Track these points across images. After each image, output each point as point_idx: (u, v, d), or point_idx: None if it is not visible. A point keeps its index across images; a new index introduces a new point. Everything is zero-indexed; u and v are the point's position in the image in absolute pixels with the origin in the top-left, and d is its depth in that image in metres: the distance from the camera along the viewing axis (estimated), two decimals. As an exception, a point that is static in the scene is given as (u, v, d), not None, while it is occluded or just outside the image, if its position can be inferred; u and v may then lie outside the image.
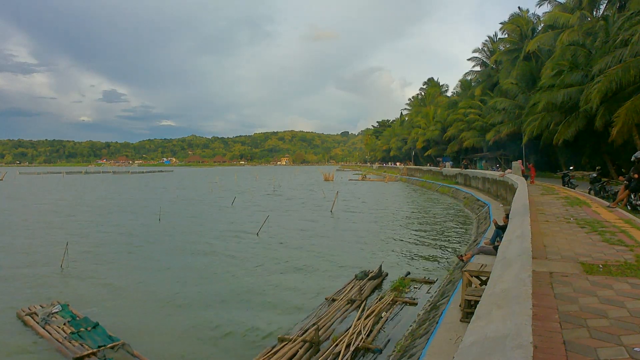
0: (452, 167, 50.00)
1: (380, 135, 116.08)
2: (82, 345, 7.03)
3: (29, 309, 8.77)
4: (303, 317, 8.64)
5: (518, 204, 9.38)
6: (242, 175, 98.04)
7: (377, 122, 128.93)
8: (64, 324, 7.89)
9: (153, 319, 8.77)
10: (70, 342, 7.15)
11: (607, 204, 10.53)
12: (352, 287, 10.06)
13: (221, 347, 7.54)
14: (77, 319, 8.20)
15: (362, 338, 7.06)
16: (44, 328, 7.81)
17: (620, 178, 11.59)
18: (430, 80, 78.45)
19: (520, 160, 26.83)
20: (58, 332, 7.60)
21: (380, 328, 7.78)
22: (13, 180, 76.34)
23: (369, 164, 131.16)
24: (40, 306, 8.90)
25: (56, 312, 8.42)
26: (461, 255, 10.50)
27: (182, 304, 9.65)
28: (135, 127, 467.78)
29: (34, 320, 8.21)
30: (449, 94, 72.18)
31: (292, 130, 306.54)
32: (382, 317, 8.16)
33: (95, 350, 6.84)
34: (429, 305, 8.72)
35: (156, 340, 7.74)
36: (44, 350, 7.21)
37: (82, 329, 7.63)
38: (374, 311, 8.27)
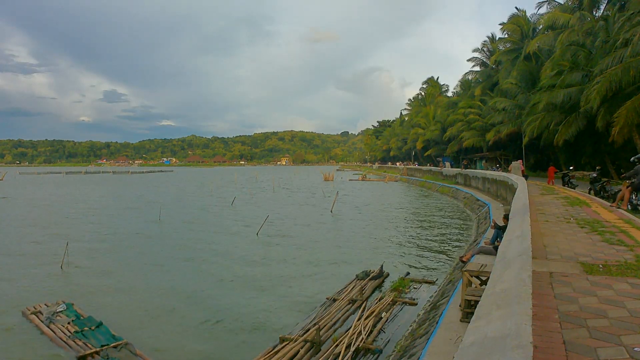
0: (452, 167, 50.02)
1: (380, 135, 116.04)
2: (85, 344, 7.07)
3: (34, 308, 8.83)
4: (304, 316, 8.67)
5: (518, 204, 9.41)
6: (242, 175, 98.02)
7: (377, 122, 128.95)
8: (68, 323, 7.93)
9: (156, 319, 8.81)
10: (74, 341, 7.19)
11: (608, 204, 10.56)
12: (353, 287, 10.09)
13: (223, 346, 7.58)
14: (81, 318, 8.25)
15: (363, 338, 7.08)
16: (48, 327, 7.86)
17: (625, 183, 11.58)
18: (430, 79, 78.31)
19: (521, 160, 26.87)
20: (62, 331, 7.64)
21: (381, 328, 7.81)
22: (13, 180, 76.38)
23: (369, 164, 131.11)
24: (45, 305, 8.95)
25: (61, 311, 8.47)
26: (461, 256, 10.54)
27: (184, 304, 9.69)
28: (135, 127, 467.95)
29: (39, 318, 8.26)
30: (449, 94, 72.19)
31: (292, 130, 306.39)
32: (382, 318, 8.19)
33: (98, 349, 6.88)
34: (429, 305, 8.75)
35: (159, 339, 7.78)
36: (48, 349, 7.25)
37: (86, 328, 7.67)
38: (374, 311, 8.30)
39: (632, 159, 10.73)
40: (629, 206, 10.43)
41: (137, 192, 46.64)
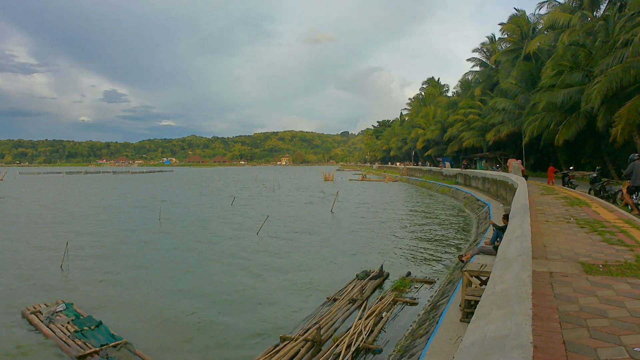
0: (452, 167, 50.01)
1: (380, 135, 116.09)
2: (85, 344, 7.07)
3: (34, 308, 8.84)
4: (304, 316, 8.67)
5: (518, 204, 9.41)
6: (242, 175, 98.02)
7: (377, 122, 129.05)
8: (68, 323, 7.93)
9: (155, 318, 8.81)
10: (73, 341, 7.19)
11: (614, 207, 10.50)
12: (353, 287, 10.09)
13: (223, 345, 7.58)
14: (81, 317, 8.24)
15: (363, 338, 7.08)
16: (47, 326, 7.86)
17: (625, 183, 11.60)
18: (431, 80, 78.38)
19: (520, 160, 26.86)
20: (62, 331, 7.64)
21: (381, 328, 7.81)
22: (13, 180, 76.40)
23: (369, 164, 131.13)
24: (45, 305, 8.95)
25: (60, 311, 8.47)
26: (461, 256, 10.53)
27: (184, 304, 9.69)
28: (135, 127, 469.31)
29: (39, 318, 8.26)
30: (449, 94, 72.22)
31: (292, 130, 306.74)
32: (382, 317, 8.19)
33: (98, 348, 6.88)
34: (429, 305, 8.74)
35: (158, 339, 7.77)
36: (48, 348, 7.26)
37: (85, 328, 7.66)
38: (374, 311, 8.30)
39: (630, 157, 10.75)
40: (628, 207, 10.44)
41: (137, 192, 46.65)
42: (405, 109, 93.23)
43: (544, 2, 32.76)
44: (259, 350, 7.02)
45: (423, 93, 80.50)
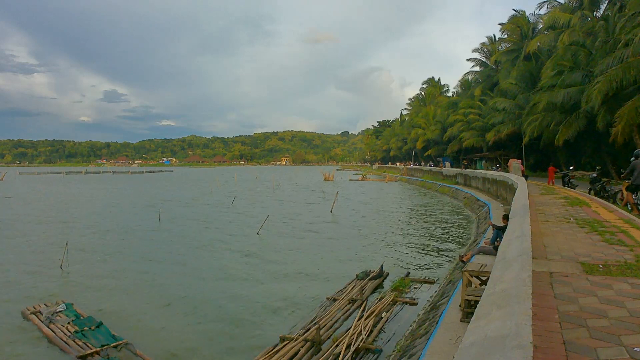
0: (452, 167, 49.99)
1: (380, 135, 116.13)
2: (85, 344, 7.07)
3: (34, 308, 8.83)
4: (304, 316, 8.67)
5: (518, 204, 9.41)
6: (242, 175, 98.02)
7: (377, 122, 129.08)
8: (68, 323, 7.93)
9: (156, 319, 8.81)
10: (74, 341, 7.19)
11: (614, 206, 10.52)
12: (353, 287, 10.09)
13: (223, 345, 7.58)
14: (81, 318, 8.24)
15: (363, 338, 7.08)
16: (48, 327, 7.86)
17: (625, 183, 11.59)
18: (431, 80, 78.43)
19: (521, 160, 26.87)
20: (62, 331, 7.64)
21: (381, 328, 7.81)
22: (13, 180, 76.43)
23: (369, 164, 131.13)
24: (45, 305, 8.95)
25: (60, 311, 8.47)
26: (462, 256, 10.54)
27: (184, 304, 9.70)
28: (135, 127, 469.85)
29: (39, 319, 8.26)
30: (449, 94, 72.26)
31: (292, 130, 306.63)
32: (382, 317, 8.19)
33: (98, 349, 6.88)
34: (429, 305, 8.74)
35: (159, 339, 7.78)
36: (48, 349, 7.26)
37: (85, 328, 7.66)
38: (374, 311, 8.30)
39: (632, 157, 10.75)
40: (628, 206, 10.44)
41: (137, 192, 46.64)
42: (405, 109, 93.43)
43: (544, 2, 32.79)
44: (258, 350, 7.02)
45: (423, 93, 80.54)
